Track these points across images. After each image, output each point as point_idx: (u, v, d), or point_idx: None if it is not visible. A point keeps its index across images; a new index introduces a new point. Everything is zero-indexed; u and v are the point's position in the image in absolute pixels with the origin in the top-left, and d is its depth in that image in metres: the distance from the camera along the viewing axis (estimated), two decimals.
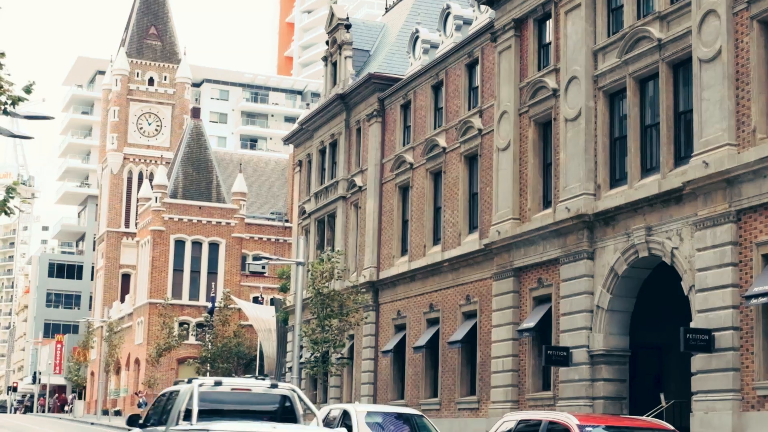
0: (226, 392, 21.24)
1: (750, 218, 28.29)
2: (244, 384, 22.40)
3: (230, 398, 21.38)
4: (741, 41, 29.23)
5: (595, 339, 34.34)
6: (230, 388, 21.42)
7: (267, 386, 21.29)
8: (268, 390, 21.24)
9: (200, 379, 22.23)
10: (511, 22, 40.57)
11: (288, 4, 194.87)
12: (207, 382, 21.02)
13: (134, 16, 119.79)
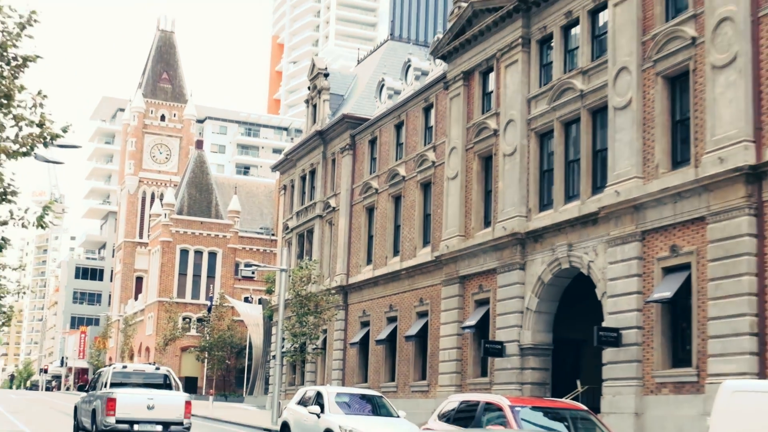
0: (129, 372, 30.11)
1: (652, 238, 28.64)
2: (139, 368, 32.10)
3: (132, 376, 29.70)
4: (647, 93, 29.50)
5: (524, 335, 34.48)
6: (132, 370, 30.79)
7: (153, 369, 30.98)
8: (155, 371, 30.38)
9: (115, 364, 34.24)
10: (460, 74, 40.73)
11: (277, 56, 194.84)
12: (118, 366, 30.73)
13: (150, 63, 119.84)
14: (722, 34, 26.52)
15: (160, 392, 28.61)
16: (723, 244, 25.68)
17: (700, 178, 26.49)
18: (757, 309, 24.64)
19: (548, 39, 35.81)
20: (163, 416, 27.47)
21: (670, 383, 27.19)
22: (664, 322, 27.82)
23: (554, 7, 35.12)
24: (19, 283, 23.11)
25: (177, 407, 27.71)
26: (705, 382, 25.56)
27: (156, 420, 27.34)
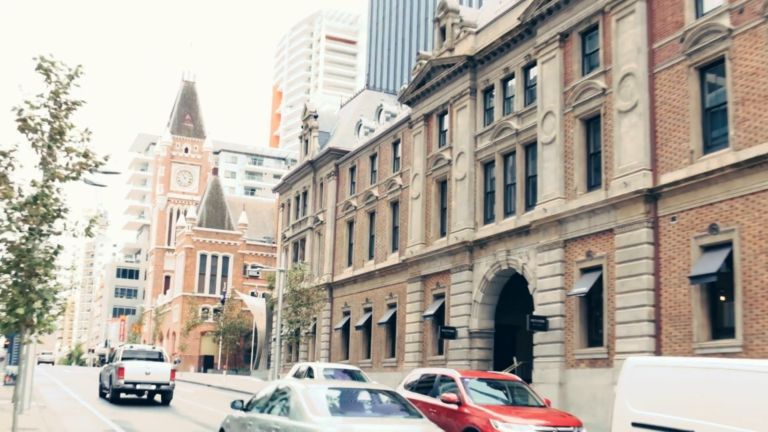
0: (135, 350, 34.28)
1: (572, 245, 28.72)
2: (142, 347, 35.67)
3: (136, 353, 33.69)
4: (568, 132, 29.67)
5: (472, 322, 34.52)
6: (137, 349, 34.60)
7: (151, 348, 35.32)
8: (152, 350, 34.78)
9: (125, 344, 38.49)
10: (421, 116, 40.85)
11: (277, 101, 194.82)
12: (127, 346, 34.85)
13: (176, 107, 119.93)
14: (626, 86, 26.75)
15: (154, 364, 32.89)
16: (627, 250, 25.85)
17: (609, 198, 26.66)
18: (654, 301, 24.82)
19: (490, 89, 35.98)
20: (156, 380, 32.36)
21: (586, 359, 27.31)
22: (582, 312, 27.96)
23: (495, 64, 35.34)
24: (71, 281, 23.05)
25: (165, 374, 32.64)
26: (613, 359, 25.69)
27: (151, 382, 32.27)
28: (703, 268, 22.83)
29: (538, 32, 31.77)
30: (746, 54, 22.78)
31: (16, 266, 17.39)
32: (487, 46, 35.45)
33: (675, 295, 24.17)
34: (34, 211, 17.31)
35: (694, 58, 24.52)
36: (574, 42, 29.96)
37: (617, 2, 27.59)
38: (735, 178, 22.52)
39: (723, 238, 22.77)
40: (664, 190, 24.88)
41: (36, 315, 17.55)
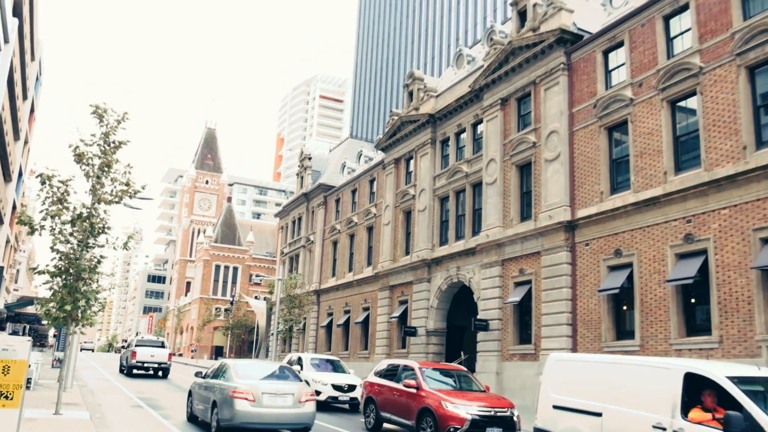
0: (144, 339, 38.03)
1: (508, 264, 28.75)
2: (150, 337, 38.97)
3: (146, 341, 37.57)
4: (506, 175, 29.84)
5: (429, 323, 34.41)
6: (146, 339, 38.37)
7: (156, 339, 38.35)
8: (157, 339, 38.16)
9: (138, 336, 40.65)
10: (392, 160, 40.95)
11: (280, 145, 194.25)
12: (139, 337, 38.96)
13: (200, 148, 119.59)
14: (551, 141, 27.01)
15: (157, 349, 36.98)
16: (551, 269, 25.98)
17: (537, 227, 26.82)
18: (571, 309, 24.93)
19: (447, 140, 36.19)
20: (158, 360, 36.54)
21: (518, 354, 27.30)
22: (515, 316, 27.98)
23: (450, 121, 35.57)
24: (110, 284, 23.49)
25: (164, 356, 36.74)
26: (539, 354, 25.72)
27: (154, 362, 36.52)
28: (610, 284, 23.01)
29: (484, 97, 32.08)
30: (644, 118, 23.13)
31: (66, 272, 17.24)
32: (444, 106, 35.72)
33: (588, 304, 24.31)
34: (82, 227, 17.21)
35: (604, 120, 24.85)
36: (512, 105, 30.27)
37: (545, 76, 27.94)
38: (634, 214, 22.77)
39: (625, 260, 22.98)
40: (580, 222, 25.09)
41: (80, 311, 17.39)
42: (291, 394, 15.04)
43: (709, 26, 21.21)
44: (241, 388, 14.72)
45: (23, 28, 21.87)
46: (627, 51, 24.23)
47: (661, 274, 21.38)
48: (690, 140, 21.55)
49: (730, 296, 19.08)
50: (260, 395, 14.66)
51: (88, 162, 17.54)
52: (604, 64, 25.39)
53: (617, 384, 10.95)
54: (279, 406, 14.81)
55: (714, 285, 19.56)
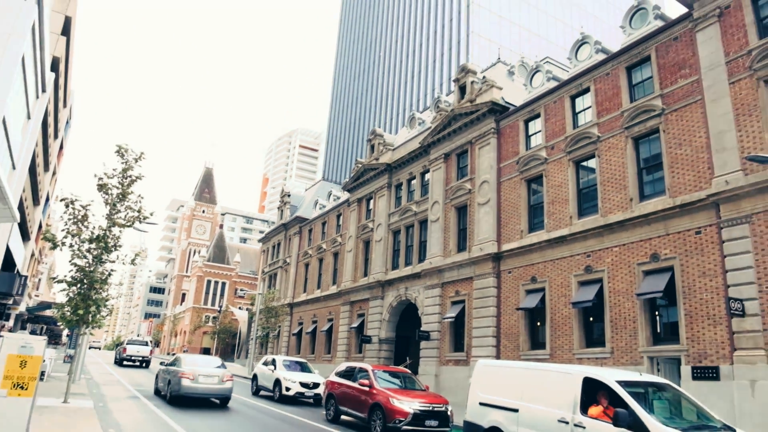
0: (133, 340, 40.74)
1: (447, 287, 28.74)
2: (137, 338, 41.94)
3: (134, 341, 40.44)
4: (447, 215, 30.07)
5: (381, 333, 34.09)
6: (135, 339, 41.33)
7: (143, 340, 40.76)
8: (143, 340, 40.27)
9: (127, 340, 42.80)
10: (356, 199, 40.92)
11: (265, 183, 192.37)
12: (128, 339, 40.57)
13: (199, 184, 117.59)
14: (483, 188, 27.40)
15: (142, 347, 40.66)
16: (480, 291, 26.10)
17: (471, 257, 27.00)
18: (496, 324, 25.01)
19: (400, 185, 36.38)
20: (142, 354, 40.11)
21: (453, 360, 27.20)
22: (451, 329, 27.90)
23: (404, 170, 35.83)
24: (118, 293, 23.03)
25: (147, 352, 40.41)
26: (470, 360, 25.68)
27: (140, 356, 39.92)
28: (527, 304, 23.22)
29: (431, 152, 32.46)
30: (555, 173, 23.69)
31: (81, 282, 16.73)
32: (399, 158, 36.01)
33: (509, 320, 24.46)
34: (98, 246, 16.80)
35: (524, 174, 25.36)
36: (453, 159, 30.68)
37: (480, 137, 28.46)
38: (547, 249, 23.14)
39: (539, 285, 23.27)
40: (504, 254, 25.36)
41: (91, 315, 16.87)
42: (218, 376, 18.83)
43: (605, 105, 22.00)
44: (186, 371, 18.53)
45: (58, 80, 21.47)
46: (543, 121, 24.91)
47: (566, 297, 21.70)
48: (590, 192, 22.14)
49: (620, 316, 19.46)
50: (198, 376, 18.45)
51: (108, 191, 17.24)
52: (525, 130, 26.03)
53: (530, 386, 11.01)
54: (209, 383, 18.60)
55: (607, 307, 19.93)
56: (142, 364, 41.24)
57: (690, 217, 17.95)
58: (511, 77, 32.97)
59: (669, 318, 18.42)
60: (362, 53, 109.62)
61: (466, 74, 30.60)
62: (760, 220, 15.94)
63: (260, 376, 25.58)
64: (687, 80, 19.04)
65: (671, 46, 19.88)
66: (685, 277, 17.68)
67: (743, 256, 16.06)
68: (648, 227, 19.15)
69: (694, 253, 17.63)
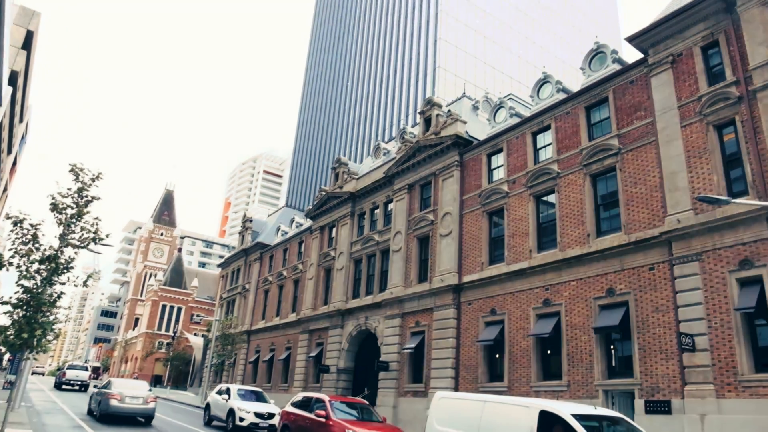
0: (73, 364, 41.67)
1: (407, 317, 28.67)
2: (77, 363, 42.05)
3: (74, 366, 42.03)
4: (410, 245, 30.17)
5: (340, 362, 33.62)
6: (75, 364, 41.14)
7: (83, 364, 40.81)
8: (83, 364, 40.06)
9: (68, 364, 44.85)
10: (318, 227, 40.72)
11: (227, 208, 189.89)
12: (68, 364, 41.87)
13: (159, 205, 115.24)
14: (446, 220, 27.68)
15: (82, 371, 42.84)
16: (440, 322, 26.13)
17: (431, 288, 27.08)
18: (455, 355, 25.01)
19: (363, 214, 36.43)
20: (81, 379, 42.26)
21: (411, 391, 26.97)
22: (410, 360, 27.73)
23: (367, 199, 35.95)
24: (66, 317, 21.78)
25: (86, 376, 42.87)
26: (428, 391, 25.51)
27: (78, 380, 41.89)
28: (486, 336, 23.33)
29: (395, 182, 32.71)
30: (516, 207, 24.16)
31: (27, 304, 16.04)
32: (363, 187, 36.14)
33: (468, 352, 24.49)
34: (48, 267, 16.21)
35: (486, 207, 25.77)
36: (416, 190, 30.97)
37: (443, 169, 28.88)
38: (507, 281, 23.42)
39: (498, 317, 23.45)
40: (465, 286, 25.52)
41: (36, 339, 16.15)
42: (142, 397, 21.42)
43: (564, 143, 22.69)
44: (114, 393, 21.26)
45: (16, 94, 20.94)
46: (505, 155, 25.47)
47: (525, 330, 21.92)
48: (549, 227, 22.62)
49: (576, 350, 19.74)
50: (124, 397, 21.14)
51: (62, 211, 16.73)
52: (488, 164, 26.54)
53: (488, 418, 11.00)
54: (134, 404, 21.20)
55: (564, 340, 20.21)
56: (81, 388, 43.51)
57: (644, 253, 18.50)
58: (476, 112, 33.75)
59: (623, 352, 18.79)
60: (330, 81, 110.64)
61: (431, 107, 31.17)
62: (710, 258, 16.55)
63: (213, 406, 24.80)
64: (642, 122, 19.86)
65: (628, 89, 20.75)
66: (639, 312, 18.12)
67: (693, 293, 16.59)
68: (604, 262, 19.64)
69: (647, 289, 18.13)
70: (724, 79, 17.72)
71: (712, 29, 18.26)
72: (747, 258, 15.71)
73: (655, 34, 19.60)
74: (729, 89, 17.28)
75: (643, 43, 19.97)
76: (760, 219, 15.58)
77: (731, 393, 15.15)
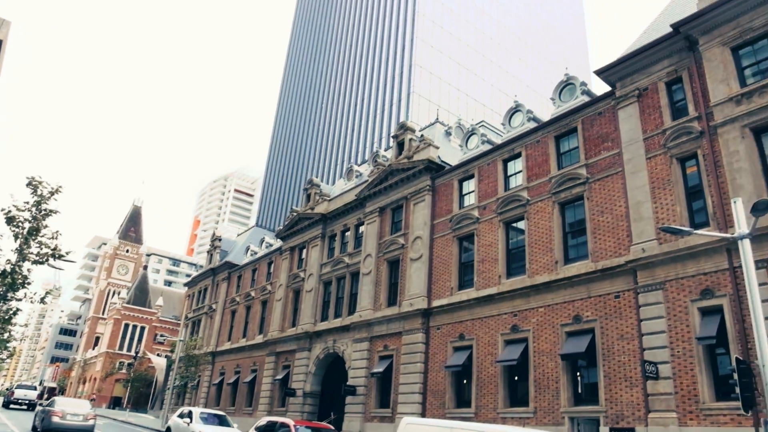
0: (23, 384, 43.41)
1: (375, 341, 28.48)
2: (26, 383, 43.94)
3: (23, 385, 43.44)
4: (380, 268, 30.12)
5: (306, 386, 33.11)
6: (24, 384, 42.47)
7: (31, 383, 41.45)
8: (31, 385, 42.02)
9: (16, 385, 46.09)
10: (288, 248, 40.37)
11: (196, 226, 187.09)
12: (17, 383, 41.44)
13: (125, 222, 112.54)
14: (416, 244, 27.75)
15: (30, 391, 44.82)
16: (409, 346, 26.01)
17: (401, 312, 26.99)
18: (423, 380, 24.88)
19: (334, 236, 36.30)
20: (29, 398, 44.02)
21: (378, 416, 26.66)
22: (378, 384, 27.48)
23: (338, 221, 35.87)
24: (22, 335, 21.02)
25: (34, 396, 44.65)
26: (396, 416, 25.25)
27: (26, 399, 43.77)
28: (454, 361, 23.29)
29: (366, 205, 32.75)
30: (486, 233, 24.39)
31: None
32: (335, 209, 36.07)
33: (436, 377, 24.39)
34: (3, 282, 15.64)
35: (457, 232, 25.95)
36: (388, 213, 31.03)
37: (415, 193, 29.05)
38: (475, 307, 23.50)
39: (467, 343, 23.46)
40: (434, 310, 25.52)
41: None
42: (83, 414, 23.25)
43: (534, 171, 23.10)
44: (56, 410, 22.97)
45: None
46: (476, 181, 25.78)
47: (493, 356, 21.96)
48: (518, 253, 22.87)
49: (543, 376, 19.83)
50: (66, 414, 22.83)
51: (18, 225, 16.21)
52: (460, 189, 26.81)
53: None
54: (74, 420, 22.93)
55: (532, 366, 20.29)
56: (29, 407, 44.77)
57: (610, 281, 18.81)
58: (448, 137, 34.17)
59: (589, 379, 18.95)
60: (305, 102, 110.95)
61: (405, 131, 31.44)
62: (673, 287, 16.91)
63: (174, 429, 24.06)
64: (609, 152, 20.37)
65: (596, 120, 21.31)
66: (605, 339, 18.35)
67: (657, 321, 16.90)
68: (572, 289, 19.89)
69: (613, 316, 18.40)
70: (687, 114, 18.35)
71: (676, 66, 18.95)
72: (708, 288, 16.10)
73: (623, 68, 20.24)
74: (692, 124, 17.89)
75: (611, 77, 20.59)
76: (720, 250, 16.02)
77: (693, 421, 15.37)
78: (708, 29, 17.78)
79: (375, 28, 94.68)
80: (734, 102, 16.71)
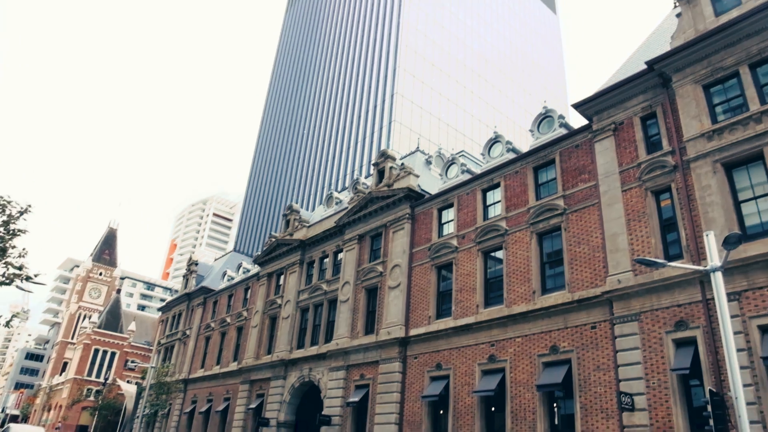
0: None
1: (352, 369, 28.12)
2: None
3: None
4: (357, 295, 29.93)
5: (280, 415, 32.42)
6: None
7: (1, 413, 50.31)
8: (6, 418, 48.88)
9: None
10: (266, 274, 39.97)
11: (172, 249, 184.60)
12: None
13: (100, 243, 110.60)
14: (395, 272, 27.69)
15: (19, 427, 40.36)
16: (386, 375, 25.72)
17: (378, 341, 26.75)
18: (400, 410, 24.54)
19: (312, 262, 36.07)
20: None
21: None
22: (354, 414, 27.04)
23: (317, 247, 35.69)
24: None
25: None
26: None
27: None
28: (431, 391, 23.06)
29: (345, 232, 32.69)
30: (464, 262, 24.45)
31: None
32: (314, 235, 35.92)
33: (413, 407, 24.10)
34: None
35: (435, 260, 25.97)
36: (367, 241, 31.00)
37: (395, 221, 29.10)
38: (453, 336, 23.40)
39: (444, 372, 23.28)
40: (411, 339, 25.34)
41: None
42: None
43: (513, 201, 23.35)
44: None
45: None
46: (456, 211, 25.95)
47: (470, 386, 21.80)
48: (496, 282, 22.93)
49: (520, 407, 19.72)
50: None
51: None
52: (439, 218, 26.94)
53: None
54: None
55: (509, 397, 20.18)
56: None
57: (587, 312, 18.92)
58: (428, 166, 34.45)
59: (566, 410, 18.88)
60: (287, 128, 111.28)
61: (385, 159, 31.64)
62: (648, 319, 17.07)
63: None
64: (586, 184, 20.71)
65: (573, 152, 21.70)
66: (582, 370, 18.36)
67: (633, 352, 16.99)
68: (549, 320, 19.95)
69: (589, 347, 18.45)
70: (661, 148, 18.79)
71: (651, 101, 19.48)
72: (682, 319, 16.28)
73: (599, 102, 20.74)
74: (665, 158, 18.31)
75: (588, 110, 21.06)
76: (693, 282, 16.26)
77: None
78: (681, 67, 18.35)
79: (358, 56, 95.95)
80: (706, 138, 17.18)
